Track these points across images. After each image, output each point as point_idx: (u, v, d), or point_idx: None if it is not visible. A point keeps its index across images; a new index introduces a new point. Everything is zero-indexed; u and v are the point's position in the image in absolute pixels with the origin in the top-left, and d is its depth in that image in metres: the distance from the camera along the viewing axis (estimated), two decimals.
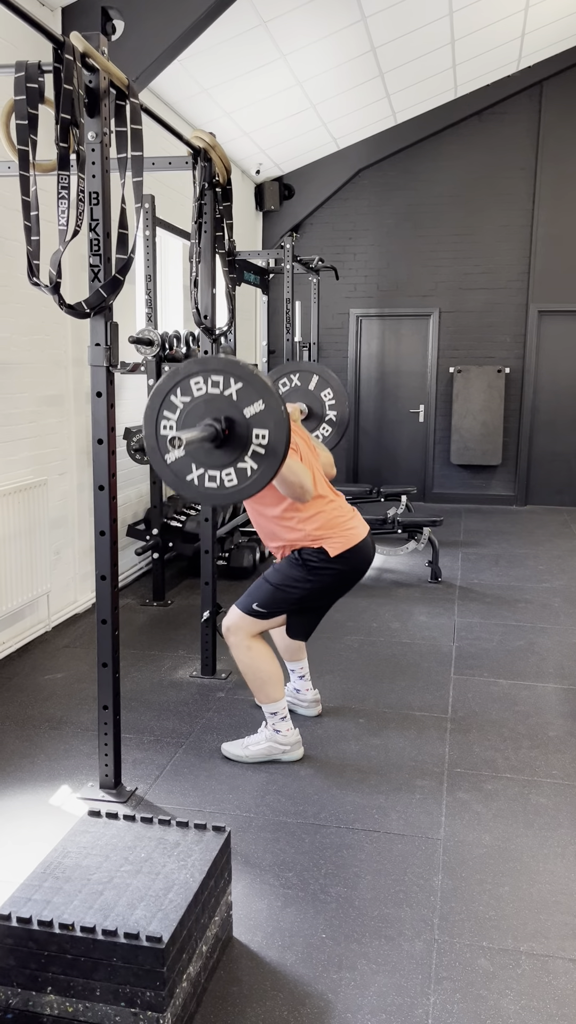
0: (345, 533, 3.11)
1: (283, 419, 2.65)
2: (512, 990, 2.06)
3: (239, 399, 2.67)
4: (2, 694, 3.86)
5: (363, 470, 9.23)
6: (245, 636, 3.16)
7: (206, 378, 2.70)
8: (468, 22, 6.43)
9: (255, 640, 3.17)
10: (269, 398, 2.65)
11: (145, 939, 1.79)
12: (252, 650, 3.15)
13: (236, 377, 2.67)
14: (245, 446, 2.68)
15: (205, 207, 3.67)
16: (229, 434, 2.68)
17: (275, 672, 3.17)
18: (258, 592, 3.16)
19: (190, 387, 2.72)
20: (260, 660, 3.15)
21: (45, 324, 4.55)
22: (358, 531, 3.16)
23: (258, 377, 2.66)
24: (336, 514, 3.14)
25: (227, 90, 6.24)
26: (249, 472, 2.70)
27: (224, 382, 2.68)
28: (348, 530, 3.12)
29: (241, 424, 2.67)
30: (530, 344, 8.55)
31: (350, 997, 2.04)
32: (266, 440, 2.66)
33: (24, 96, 2.45)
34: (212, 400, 2.69)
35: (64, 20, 4.49)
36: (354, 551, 3.11)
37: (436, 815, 2.85)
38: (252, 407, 2.66)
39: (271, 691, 3.16)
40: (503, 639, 4.64)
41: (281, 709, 3.19)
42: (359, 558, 3.15)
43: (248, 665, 3.16)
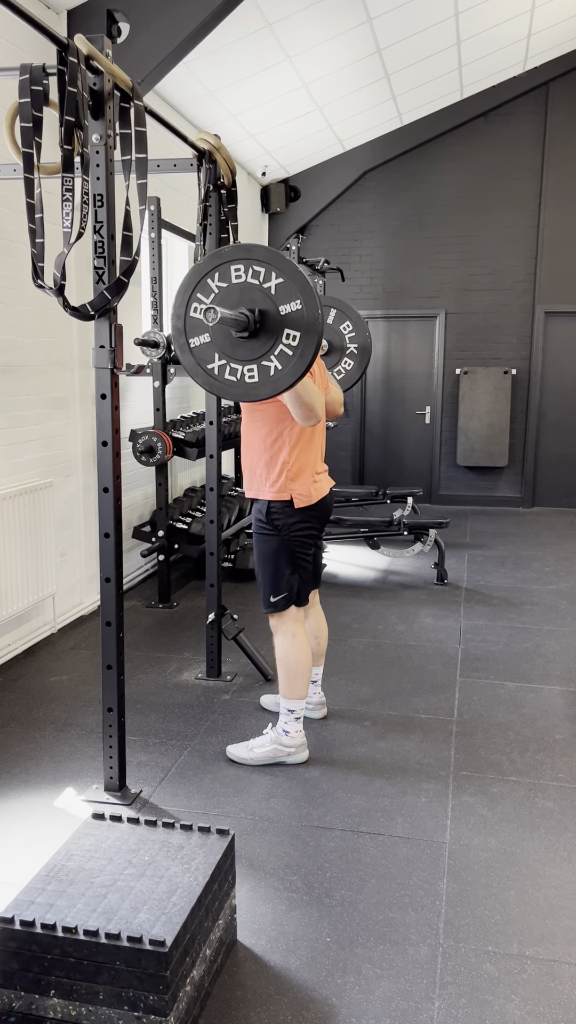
0: (313, 486, 3.16)
1: (317, 324, 2.57)
2: (517, 995, 2.05)
3: (277, 294, 2.59)
4: (8, 696, 3.86)
5: (369, 472, 9.22)
6: (290, 624, 3.21)
7: (247, 266, 2.61)
8: (474, 23, 6.42)
9: (300, 628, 3.23)
10: (308, 299, 2.56)
11: (148, 943, 1.78)
12: (296, 638, 3.20)
13: (279, 272, 2.58)
14: (273, 344, 2.61)
15: (210, 209, 3.67)
16: (260, 327, 2.62)
17: (309, 669, 3.21)
18: (264, 588, 3.20)
19: (229, 273, 2.63)
20: (301, 651, 3.19)
21: (51, 326, 4.56)
22: (322, 486, 3.23)
23: (301, 276, 2.57)
24: (312, 464, 3.18)
25: (233, 92, 6.24)
26: (272, 371, 2.64)
27: (265, 274, 2.59)
28: (315, 483, 3.18)
29: (274, 320, 2.60)
30: (536, 345, 8.53)
31: (354, 1002, 2.03)
32: (295, 343, 2.59)
33: (29, 99, 2.46)
34: (249, 289, 2.61)
35: (70, 22, 4.50)
36: (317, 505, 3.19)
37: (441, 818, 2.84)
38: (288, 305, 2.58)
39: (299, 687, 3.18)
40: (509, 641, 4.63)
41: (299, 709, 3.20)
42: (322, 509, 3.23)
43: (288, 653, 3.19)
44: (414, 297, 8.77)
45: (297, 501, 3.11)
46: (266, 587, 3.20)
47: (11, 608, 4.15)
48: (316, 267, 7.30)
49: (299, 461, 3.09)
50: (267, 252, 2.62)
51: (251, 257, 2.62)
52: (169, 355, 5.11)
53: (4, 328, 4.15)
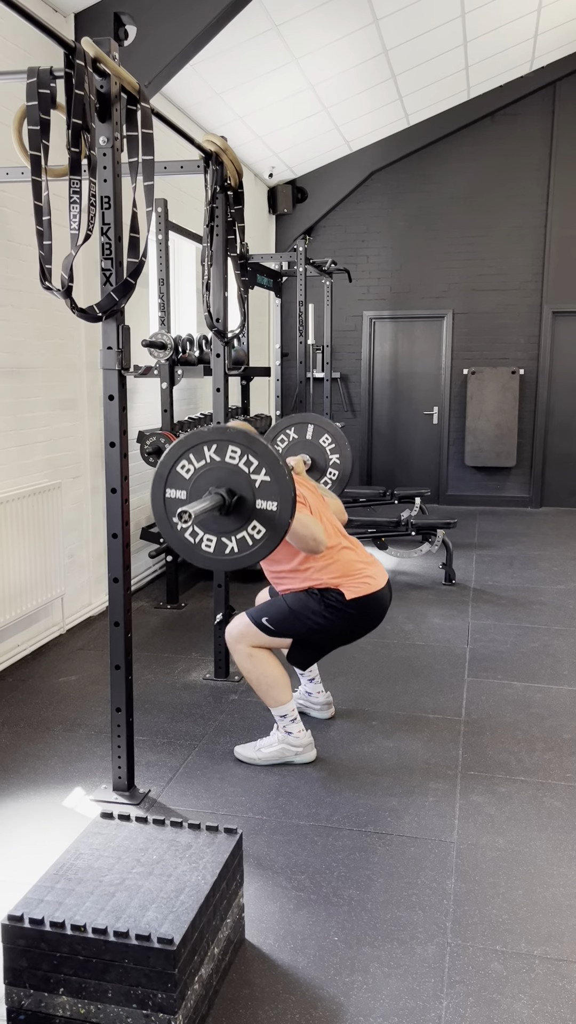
0: (364, 580, 3.10)
1: (289, 489, 2.70)
2: (525, 994, 2.05)
3: (247, 468, 2.73)
4: (17, 696, 3.88)
5: (377, 472, 9.22)
6: (247, 645, 3.16)
7: (213, 447, 2.76)
8: (481, 23, 6.42)
9: (257, 648, 3.17)
10: (276, 470, 2.70)
11: (157, 941, 1.79)
12: (254, 657, 3.15)
13: (244, 447, 2.73)
14: (251, 515, 2.75)
15: (217, 210, 3.68)
16: (236, 503, 2.74)
17: (279, 676, 3.16)
18: (272, 609, 3.14)
19: (202, 453, 2.78)
20: (263, 665, 3.14)
21: (59, 328, 4.58)
22: (376, 580, 3.14)
23: (267, 449, 2.71)
24: (354, 560, 3.14)
25: (240, 94, 6.26)
26: (256, 539, 2.76)
27: (233, 452, 2.74)
28: (367, 577, 3.12)
29: (247, 493, 2.74)
30: (544, 345, 8.52)
31: (362, 1000, 2.03)
32: (274, 508, 2.71)
33: (36, 102, 2.47)
34: (218, 469, 2.76)
35: (77, 26, 4.52)
36: (370, 599, 3.10)
37: (449, 818, 2.84)
38: (259, 476, 2.72)
39: (277, 695, 3.16)
40: (517, 641, 4.62)
41: (290, 711, 3.18)
42: (375, 607, 3.14)
43: (251, 671, 3.16)
44: (421, 297, 8.77)
45: (347, 592, 3.07)
46: (272, 613, 3.12)
47: (20, 609, 4.17)
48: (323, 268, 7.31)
49: (337, 570, 3.08)
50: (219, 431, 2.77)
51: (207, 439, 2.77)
52: (177, 357, 5.12)
53: (12, 330, 4.17)
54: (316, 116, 7.16)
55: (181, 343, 5.21)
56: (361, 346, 9.02)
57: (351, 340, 9.02)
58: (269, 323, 8.75)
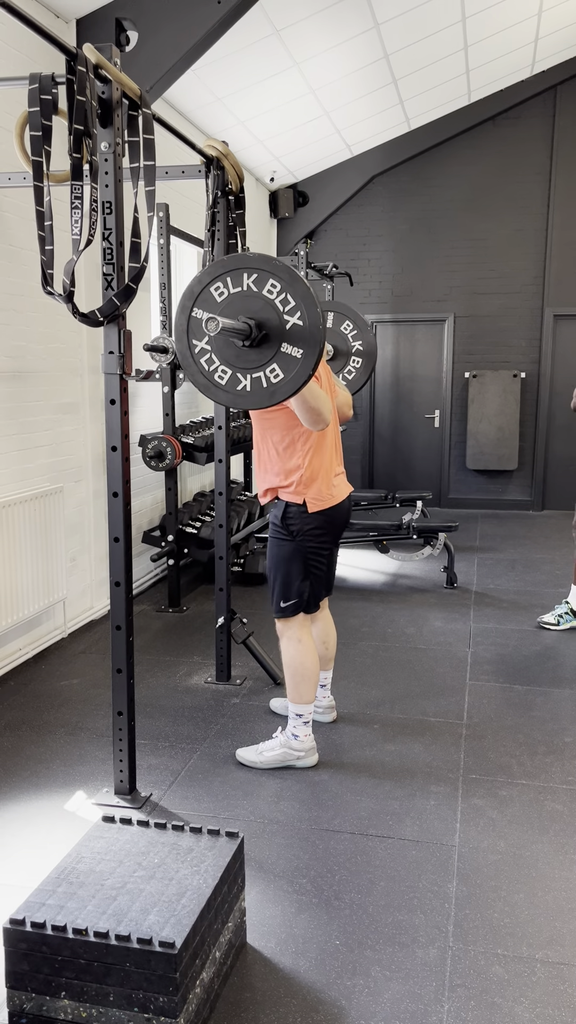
0: (329, 490, 3.15)
1: (318, 333, 2.56)
2: (527, 998, 2.05)
3: (279, 304, 2.59)
4: (19, 700, 3.89)
5: (378, 475, 9.22)
6: (296, 629, 3.22)
7: (250, 275, 2.61)
8: (481, 27, 6.43)
9: (306, 633, 3.23)
10: (311, 311, 2.56)
11: (158, 944, 1.79)
12: (303, 643, 3.21)
13: (281, 281, 2.58)
14: (275, 354, 2.61)
15: (218, 215, 3.69)
16: (262, 337, 2.62)
17: (316, 673, 3.21)
18: (274, 593, 3.21)
19: (240, 279, 2.63)
20: (307, 656, 3.19)
21: (60, 332, 4.59)
22: (340, 490, 3.22)
23: (308, 292, 2.57)
24: (327, 468, 3.17)
25: (241, 98, 6.27)
26: (271, 382, 2.65)
27: (268, 284, 2.59)
28: (332, 487, 3.17)
29: (276, 330, 2.60)
30: (546, 348, 8.52)
31: (363, 1004, 2.03)
32: (298, 355, 2.59)
33: (38, 108, 2.48)
34: (251, 298, 2.61)
35: (79, 31, 4.53)
36: (333, 510, 3.18)
37: (451, 821, 2.84)
38: (292, 318, 2.59)
39: (306, 691, 3.18)
40: (519, 644, 4.62)
41: (307, 713, 3.21)
42: (338, 515, 3.22)
43: (295, 657, 3.19)
44: (423, 301, 8.78)
45: (311, 505, 3.11)
46: (277, 592, 3.21)
47: (22, 612, 4.18)
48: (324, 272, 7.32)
49: (312, 465, 3.10)
50: (264, 260, 2.62)
51: (250, 266, 2.62)
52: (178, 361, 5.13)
53: (14, 334, 4.19)
54: (317, 120, 7.18)
55: None
56: None
57: None
58: None
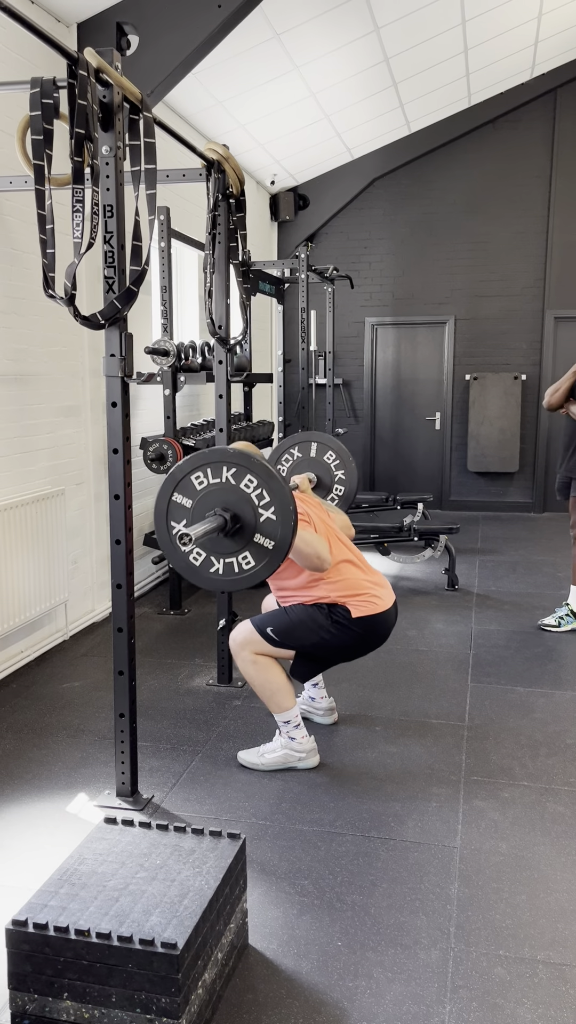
0: (371, 599, 3.11)
1: (291, 529, 2.71)
2: (529, 999, 2.05)
3: (257, 500, 2.74)
4: (21, 702, 3.89)
5: (379, 478, 9.23)
6: (251, 652, 3.16)
7: (231, 469, 2.76)
8: (481, 31, 6.45)
9: (260, 655, 3.17)
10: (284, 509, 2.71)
11: (160, 945, 1.80)
12: (258, 663, 3.15)
13: (262, 481, 2.73)
14: (246, 546, 2.76)
15: (219, 218, 3.70)
16: (236, 530, 2.75)
17: (283, 682, 3.17)
18: (278, 620, 3.15)
19: (220, 472, 2.78)
20: (267, 672, 3.15)
21: (62, 336, 4.60)
22: (383, 600, 3.15)
23: (283, 490, 2.72)
24: (361, 579, 3.14)
25: (241, 102, 6.29)
26: (243, 569, 2.78)
27: (249, 481, 2.74)
28: (374, 597, 3.12)
29: (250, 524, 2.74)
30: (546, 350, 8.53)
31: (365, 1005, 2.03)
32: (269, 546, 2.72)
33: (39, 112, 2.49)
34: (231, 491, 2.76)
35: (80, 35, 4.55)
36: (377, 619, 3.11)
37: (452, 823, 2.84)
38: (266, 512, 2.73)
39: (281, 700, 3.16)
40: (520, 646, 4.62)
41: (293, 717, 3.19)
42: (380, 627, 3.15)
43: (254, 677, 3.16)
44: (423, 303, 8.79)
45: (354, 609, 3.06)
46: (278, 623, 3.13)
47: (24, 615, 4.18)
48: (325, 275, 7.33)
49: (344, 588, 3.08)
50: (243, 456, 2.76)
51: (230, 461, 2.77)
52: (179, 364, 5.14)
53: (16, 337, 4.20)
54: (318, 124, 7.20)
55: (184, 350, 5.24)
56: (363, 352, 9.04)
57: (353, 346, 9.05)
58: (271, 330, 8.78)
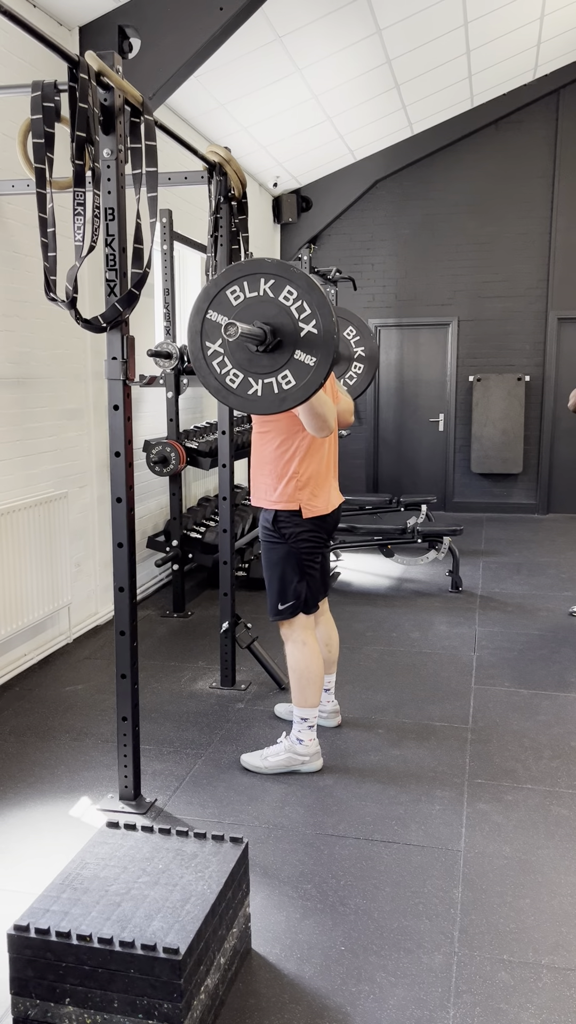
0: (321, 498, 3.17)
1: (332, 341, 2.57)
2: (533, 1004, 2.04)
3: (295, 311, 2.60)
4: (24, 705, 3.89)
5: (383, 479, 9.22)
6: (299, 631, 3.21)
7: (266, 281, 2.61)
8: (483, 32, 6.44)
9: (310, 635, 3.23)
10: (326, 321, 2.56)
11: (162, 951, 1.79)
12: (307, 645, 3.20)
13: (297, 288, 2.58)
14: (289, 360, 2.61)
15: (221, 220, 3.70)
16: (276, 343, 2.62)
17: (320, 677, 3.21)
18: (271, 597, 3.21)
19: (257, 284, 2.63)
20: (311, 659, 3.19)
21: (64, 339, 4.60)
22: (332, 500, 3.24)
23: (324, 300, 2.57)
24: (322, 475, 3.19)
25: (243, 104, 6.29)
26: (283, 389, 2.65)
27: (284, 290, 2.59)
28: (327, 494, 3.20)
29: (290, 336, 2.60)
30: (550, 352, 8.52)
31: (369, 1010, 2.03)
32: (311, 363, 2.59)
33: (41, 115, 2.50)
34: (266, 303, 2.61)
35: (82, 39, 4.55)
36: (323, 518, 3.20)
37: (456, 826, 2.83)
38: (307, 326, 2.59)
39: (311, 695, 3.18)
40: (524, 648, 4.61)
41: (312, 717, 3.20)
42: (328, 523, 3.24)
43: (299, 660, 3.19)
44: (427, 305, 8.78)
45: (306, 511, 3.12)
46: (273, 595, 3.21)
47: (27, 618, 4.18)
48: (328, 276, 7.33)
49: (308, 471, 3.11)
50: (282, 267, 2.63)
51: (268, 272, 2.62)
52: (182, 366, 5.14)
53: (18, 341, 4.20)
54: (320, 126, 7.19)
55: (186, 352, 5.24)
56: None
57: None
58: None
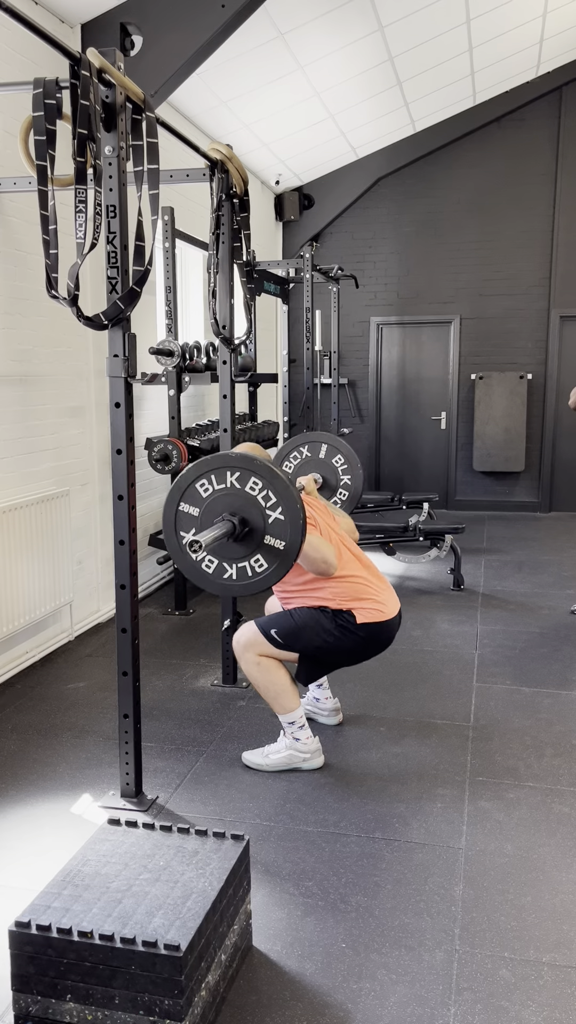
0: (376, 606, 3.10)
1: (298, 535, 2.71)
2: (534, 1001, 2.04)
3: (264, 502, 2.74)
4: (25, 703, 3.89)
5: (385, 477, 9.21)
6: (255, 653, 3.15)
7: (234, 473, 2.77)
8: (486, 29, 6.43)
9: (264, 656, 3.16)
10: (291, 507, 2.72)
11: (163, 947, 1.79)
12: (262, 665, 3.15)
13: (267, 482, 2.73)
14: (257, 548, 2.76)
15: (223, 218, 3.70)
16: (245, 534, 2.75)
17: (287, 683, 3.16)
18: (282, 622, 3.13)
19: (223, 477, 2.79)
20: (271, 673, 3.14)
21: (66, 336, 4.60)
22: (388, 608, 3.14)
23: (288, 490, 2.72)
24: (365, 585, 3.13)
25: (246, 102, 6.28)
26: (256, 572, 2.79)
27: (254, 484, 2.74)
28: (379, 604, 3.12)
29: (259, 526, 2.74)
30: (552, 350, 8.51)
31: (370, 1007, 2.03)
32: (281, 547, 2.73)
33: (42, 112, 2.49)
34: (237, 495, 2.77)
35: (84, 36, 4.55)
36: (381, 627, 3.11)
37: (457, 824, 2.83)
38: (274, 513, 2.73)
39: (285, 702, 3.16)
40: (526, 646, 4.61)
41: (298, 718, 3.19)
42: (384, 634, 3.15)
43: (258, 679, 3.16)
44: (429, 303, 8.78)
45: (359, 615, 3.06)
46: (282, 626, 3.11)
47: (29, 616, 4.19)
48: (330, 274, 7.33)
49: (348, 593, 3.07)
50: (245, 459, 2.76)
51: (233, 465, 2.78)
52: (184, 364, 5.14)
53: (20, 338, 4.20)
54: (322, 123, 7.19)
55: (188, 350, 5.23)
56: (368, 352, 9.02)
57: (358, 346, 9.03)
58: (276, 329, 8.77)
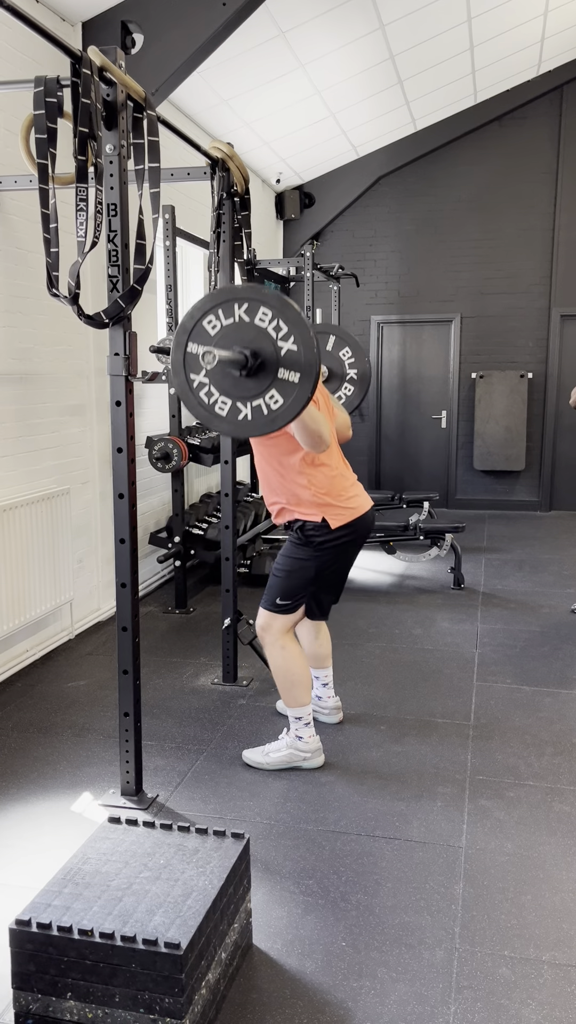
0: (348, 503, 3.13)
1: (314, 363, 2.57)
2: (534, 999, 2.04)
3: (275, 333, 2.60)
4: (26, 701, 3.89)
5: (385, 476, 9.21)
6: (279, 634, 3.19)
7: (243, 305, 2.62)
8: (487, 28, 6.42)
9: (289, 639, 3.21)
10: (305, 337, 2.57)
11: (163, 945, 1.79)
12: (286, 650, 3.18)
13: (276, 311, 2.59)
14: (272, 382, 2.62)
15: (223, 216, 3.70)
16: (258, 366, 2.62)
17: (306, 676, 3.20)
18: (275, 587, 3.19)
19: (231, 310, 2.63)
20: (293, 661, 3.18)
21: (67, 335, 4.60)
22: (361, 504, 3.18)
23: (299, 317, 2.59)
24: (341, 482, 3.16)
25: (246, 100, 6.28)
26: (271, 409, 2.65)
27: (264, 314, 2.60)
28: (350, 499, 3.15)
29: (271, 359, 2.61)
30: (553, 348, 8.50)
31: (370, 1006, 2.03)
32: (295, 380, 2.60)
33: (43, 110, 2.49)
34: (247, 328, 2.62)
35: (84, 34, 4.55)
36: (355, 522, 3.15)
37: (458, 822, 2.83)
38: (286, 343, 2.59)
39: (299, 694, 3.18)
40: (526, 645, 4.61)
41: (306, 715, 3.20)
42: (362, 528, 3.18)
43: (281, 665, 3.18)
44: (429, 301, 8.77)
45: (332, 521, 3.08)
46: (277, 588, 3.18)
47: (29, 614, 4.19)
48: (331, 273, 7.32)
49: (323, 485, 3.07)
50: (254, 289, 2.65)
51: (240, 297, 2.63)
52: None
53: (21, 337, 4.20)
54: (323, 122, 7.18)
55: None
56: (369, 350, 9.01)
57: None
58: None
